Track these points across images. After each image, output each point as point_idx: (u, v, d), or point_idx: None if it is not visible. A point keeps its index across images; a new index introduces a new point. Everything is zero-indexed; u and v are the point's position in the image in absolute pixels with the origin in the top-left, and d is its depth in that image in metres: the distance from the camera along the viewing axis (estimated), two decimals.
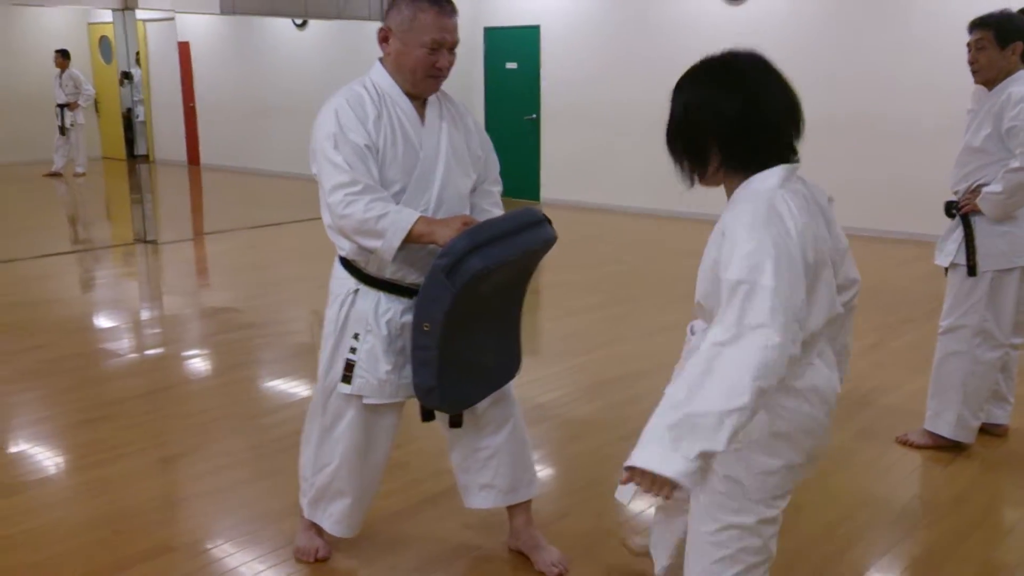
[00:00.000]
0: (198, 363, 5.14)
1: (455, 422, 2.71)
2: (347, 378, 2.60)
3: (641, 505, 3.21)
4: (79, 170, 11.91)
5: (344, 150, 2.41)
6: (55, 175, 11.88)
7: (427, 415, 2.68)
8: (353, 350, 2.58)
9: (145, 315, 6.35)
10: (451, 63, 2.52)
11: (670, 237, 8.78)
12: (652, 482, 1.70)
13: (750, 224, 1.74)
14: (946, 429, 3.67)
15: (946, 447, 3.70)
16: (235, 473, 3.58)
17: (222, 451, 3.80)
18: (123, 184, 9.81)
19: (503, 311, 2.68)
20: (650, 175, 9.87)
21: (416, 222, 2.40)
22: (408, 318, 2.58)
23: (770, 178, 1.82)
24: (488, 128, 11.08)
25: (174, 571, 2.87)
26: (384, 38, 2.52)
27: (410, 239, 2.40)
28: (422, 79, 2.50)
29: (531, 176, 10.83)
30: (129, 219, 9.20)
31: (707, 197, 8.09)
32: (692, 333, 2.17)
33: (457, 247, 2.33)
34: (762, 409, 1.77)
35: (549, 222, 2.59)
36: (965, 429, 3.66)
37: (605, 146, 10.19)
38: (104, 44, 14.04)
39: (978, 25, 3.41)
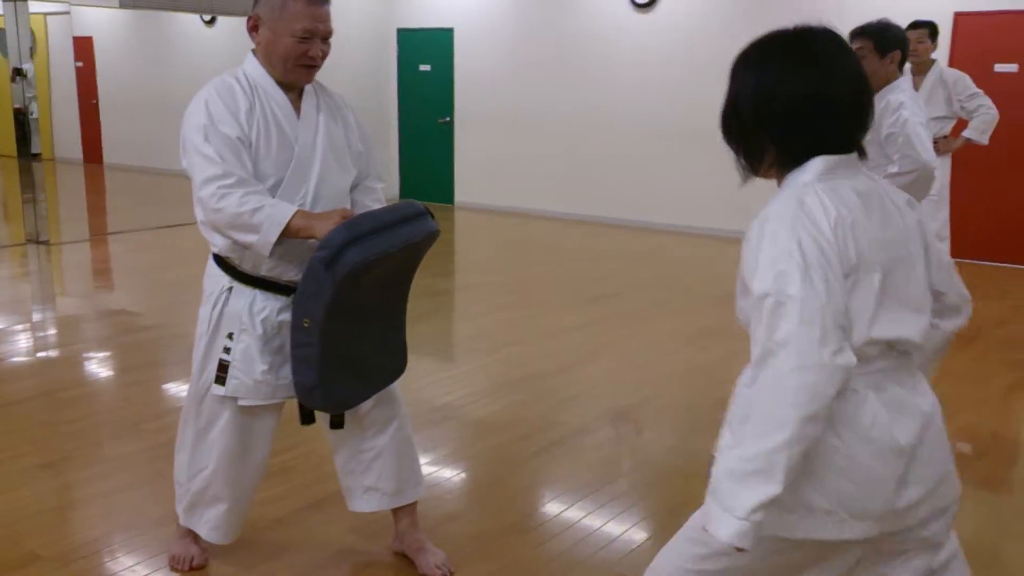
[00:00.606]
0: (89, 367, 4.96)
1: (336, 423, 2.65)
2: (221, 379, 2.52)
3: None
4: None
5: (215, 142, 2.34)
6: None
7: (307, 418, 2.62)
8: (227, 350, 2.51)
9: (35, 317, 6.11)
10: (325, 53, 2.47)
11: (579, 240, 8.84)
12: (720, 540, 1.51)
13: (774, 226, 1.53)
14: None
15: None
16: (114, 479, 3.46)
17: (105, 457, 3.66)
18: (14, 183, 9.44)
19: (387, 308, 2.63)
20: (562, 178, 9.95)
21: (293, 216, 2.33)
22: (285, 317, 2.52)
23: (807, 172, 1.60)
24: (402, 131, 11.01)
25: None
26: (254, 27, 2.45)
27: (287, 234, 2.33)
28: (293, 68, 2.44)
29: (445, 179, 10.79)
30: (21, 219, 8.85)
31: (614, 200, 8.22)
32: None
33: (335, 239, 2.27)
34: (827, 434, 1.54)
35: (431, 215, 2.54)
36: None
37: (518, 149, 10.22)
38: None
39: (858, 35, 3.52)
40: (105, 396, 4.49)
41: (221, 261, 2.55)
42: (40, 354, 5.19)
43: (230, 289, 2.53)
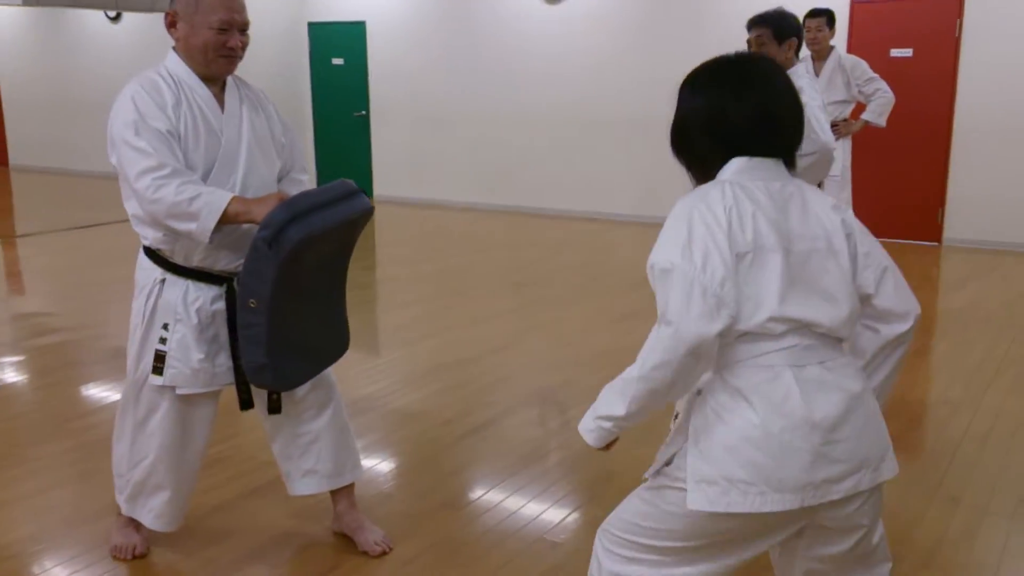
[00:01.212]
0: (8, 369, 4.88)
1: (274, 409, 2.73)
2: (158, 369, 2.57)
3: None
4: None
5: (146, 135, 2.39)
6: None
7: (244, 404, 2.69)
8: (163, 340, 2.57)
9: None
10: (244, 44, 2.54)
11: (498, 230, 8.97)
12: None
13: (676, 211, 1.73)
14: None
15: None
16: (48, 477, 3.46)
17: (33, 456, 3.65)
18: None
19: (327, 287, 2.71)
20: (479, 169, 10.07)
21: (231, 202, 2.39)
22: (219, 306, 2.58)
23: (725, 171, 1.78)
24: (317, 125, 10.97)
25: None
26: (172, 23, 2.51)
27: (226, 219, 2.39)
28: (214, 59, 2.50)
29: (362, 172, 10.79)
30: None
31: (530, 189, 8.32)
32: None
33: (276, 218, 2.34)
34: (712, 412, 1.71)
35: (365, 193, 2.63)
36: None
37: (435, 141, 10.29)
38: None
39: (756, 23, 3.71)
40: (23, 399, 4.45)
41: (152, 254, 2.60)
42: None
43: (163, 281, 2.58)
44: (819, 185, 4.05)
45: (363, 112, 10.72)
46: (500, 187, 9.95)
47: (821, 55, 5.82)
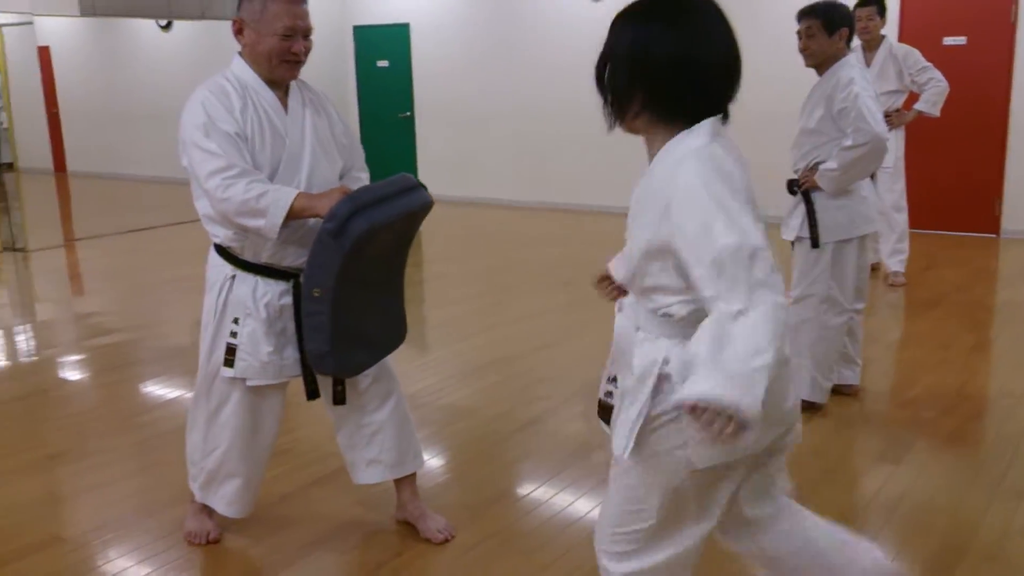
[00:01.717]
0: (73, 367, 5.05)
1: (339, 400, 2.82)
2: (229, 362, 2.68)
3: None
4: None
5: (216, 138, 2.49)
6: None
7: (311, 394, 2.78)
8: (234, 334, 2.67)
9: (16, 322, 6.17)
10: (307, 49, 2.63)
11: (544, 227, 9.03)
12: (727, 418, 1.54)
13: (707, 189, 1.64)
14: (802, 391, 3.93)
15: (803, 408, 3.99)
16: (117, 469, 3.59)
17: (102, 449, 3.79)
18: None
19: (387, 278, 2.80)
20: (523, 168, 10.13)
21: (296, 197, 2.49)
22: (286, 300, 2.68)
23: (699, 134, 1.72)
24: (363, 126, 11.11)
25: (65, 560, 2.89)
26: (239, 30, 2.61)
27: (292, 215, 2.49)
28: (278, 65, 2.59)
29: (407, 172, 10.79)
30: None
31: (579, 188, 8.36)
32: (620, 310, 2.07)
33: (341, 211, 2.44)
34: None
35: (424, 187, 2.72)
36: (819, 390, 3.94)
37: (479, 140, 10.37)
38: None
39: (807, 14, 3.71)
40: (90, 394, 4.61)
41: (223, 251, 2.70)
42: (24, 358, 5.29)
43: (233, 277, 2.68)
44: (871, 177, 4.04)
45: (408, 113, 10.84)
46: (545, 184, 10.00)
47: (872, 45, 5.78)
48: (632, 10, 1.78)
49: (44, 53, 13.86)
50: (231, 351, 2.68)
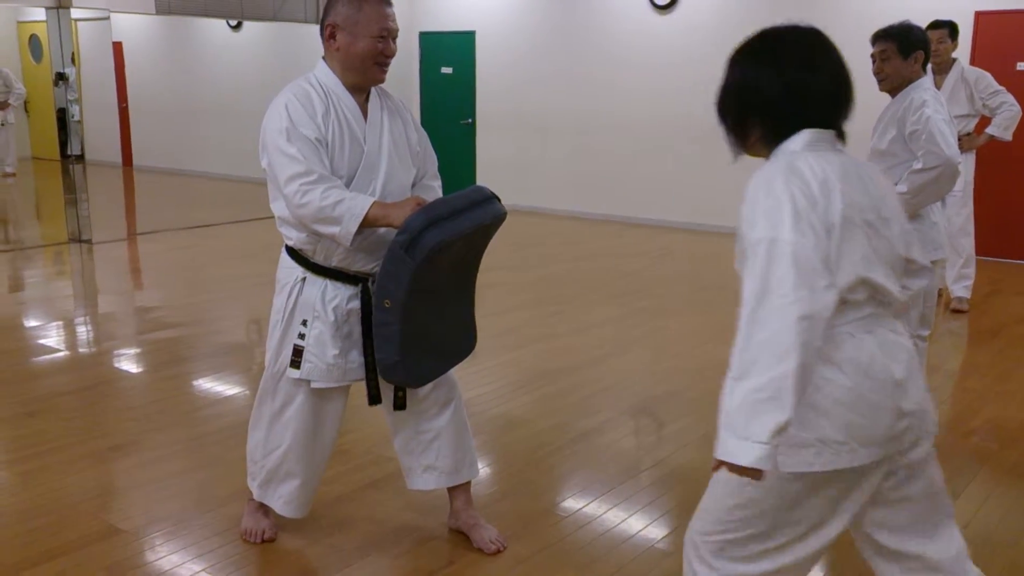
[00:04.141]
0: (132, 360, 5.16)
1: (399, 406, 2.84)
2: (296, 363, 2.71)
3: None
4: (9, 170, 11.69)
5: (297, 143, 2.53)
6: None
7: (373, 399, 2.80)
8: (302, 336, 2.70)
9: (79, 313, 6.32)
10: (394, 52, 2.67)
11: (601, 238, 9.01)
12: (741, 471, 1.66)
13: (768, 181, 1.74)
14: None
15: None
16: (175, 463, 3.65)
17: (160, 443, 3.85)
18: (56, 184, 9.70)
19: (458, 288, 2.82)
20: (582, 178, 10.12)
21: (371, 207, 2.51)
22: (354, 304, 2.71)
23: (795, 142, 1.83)
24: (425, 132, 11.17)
25: (121, 552, 2.95)
26: (331, 34, 2.64)
27: (366, 223, 2.52)
28: (371, 67, 2.63)
29: (467, 179, 10.96)
30: (62, 219, 9.11)
31: (637, 201, 8.34)
32: None
33: (415, 223, 2.46)
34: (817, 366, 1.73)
35: (498, 199, 2.73)
36: None
37: (539, 150, 10.40)
38: (34, 43, 13.79)
39: (881, 37, 3.67)
40: (149, 388, 4.69)
41: (294, 253, 2.74)
42: (85, 349, 5.41)
43: (303, 280, 2.72)
44: (942, 202, 3.97)
45: (469, 120, 10.90)
46: (603, 196, 9.98)
47: (943, 68, 5.69)
48: (743, 49, 1.92)
49: (116, 48, 14.20)
50: (298, 352, 2.71)
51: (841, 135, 1.90)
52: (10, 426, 4.04)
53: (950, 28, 5.61)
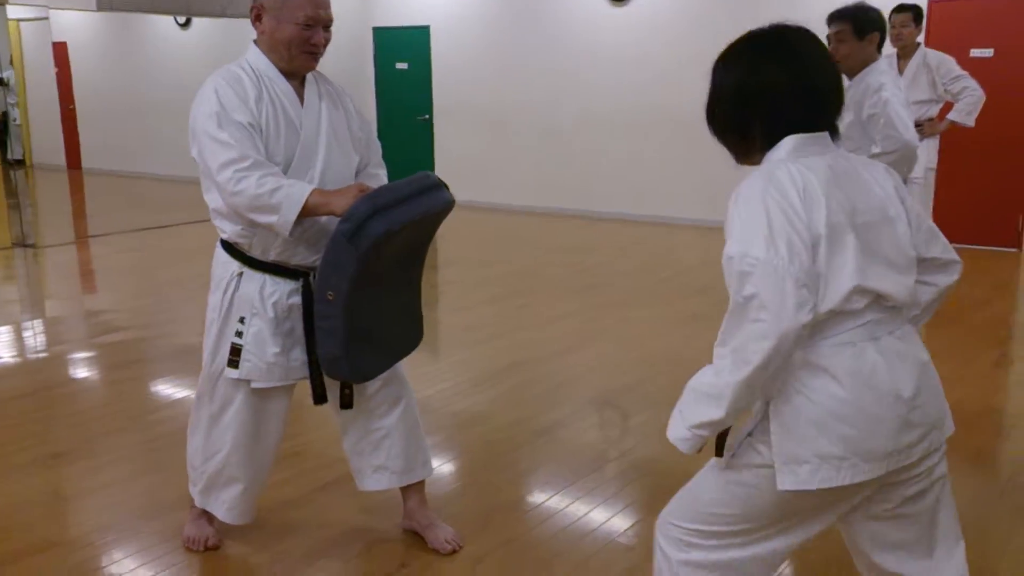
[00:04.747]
0: (81, 364, 4.98)
1: (346, 404, 2.72)
2: (234, 363, 2.58)
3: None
4: None
5: (229, 128, 2.39)
6: None
7: (319, 398, 2.68)
8: (239, 334, 2.57)
9: (25, 318, 6.12)
10: (327, 40, 2.54)
11: (561, 233, 8.93)
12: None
13: (747, 196, 1.68)
14: None
15: None
16: (122, 469, 3.51)
17: (108, 448, 3.71)
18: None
19: (404, 279, 2.70)
20: (542, 173, 10.04)
21: (311, 193, 2.39)
22: (295, 300, 2.58)
23: (780, 150, 1.75)
24: (380, 128, 11.03)
25: (60, 565, 2.81)
26: (257, 16, 2.52)
27: (306, 212, 2.38)
28: (298, 55, 2.50)
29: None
30: (6, 224, 8.86)
31: (594, 193, 8.25)
32: None
33: (359, 211, 2.33)
34: (795, 392, 1.68)
35: (446, 187, 2.60)
36: None
37: (498, 145, 10.29)
38: None
39: (836, 18, 3.61)
40: (98, 392, 4.54)
41: (230, 247, 2.61)
42: (32, 354, 5.23)
43: (240, 275, 2.59)
44: None
45: (427, 116, 10.77)
46: (563, 191, 9.90)
47: (906, 53, 5.63)
48: (730, 53, 1.81)
49: (61, 49, 13.88)
50: (236, 351, 2.57)
51: (835, 134, 1.81)
52: None
53: (914, 12, 5.55)
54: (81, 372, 4.88)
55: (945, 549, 1.86)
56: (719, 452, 1.81)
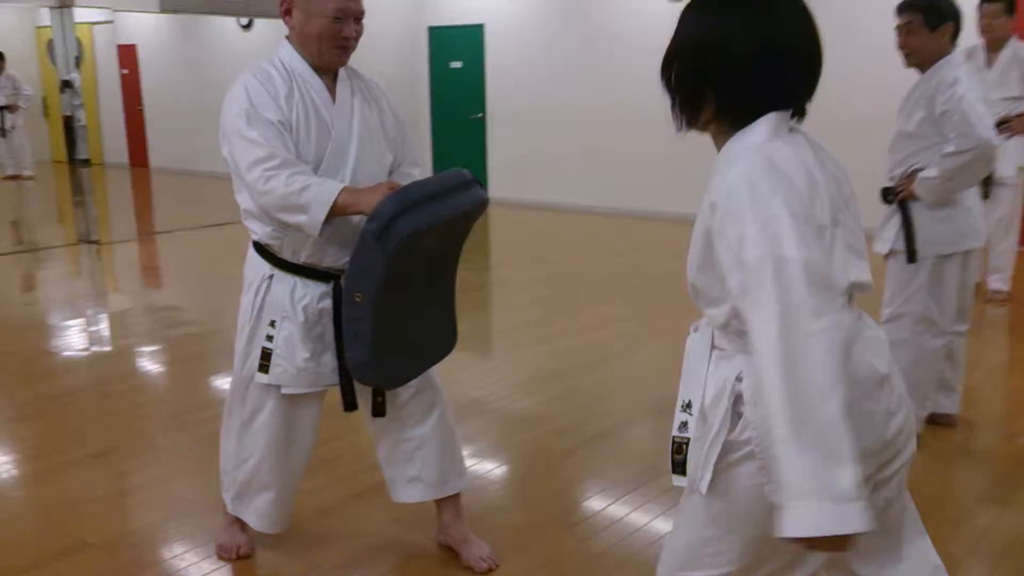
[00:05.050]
0: (139, 360, 5.01)
1: (378, 412, 2.61)
2: (264, 367, 2.49)
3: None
4: (26, 173, 11.61)
5: (258, 126, 2.31)
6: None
7: (349, 405, 2.58)
8: (270, 338, 2.48)
9: (88, 313, 6.18)
10: (358, 33, 2.43)
11: (614, 234, 8.76)
12: (829, 544, 1.33)
13: (750, 186, 1.43)
14: None
15: None
16: (162, 469, 3.48)
17: (151, 447, 3.69)
18: (66, 187, 9.67)
19: (437, 281, 2.58)
20: (595, 173, 9.88)
21: (340, 192, 2.29)
22: (326, 303, 2.49)
23: (759, 130, 1.52)
24: (434, 127, 11.00)
25: (89, 570, 2.75)
26: (287, 11, 2.43)
27: (335, 211, 2.29)
28: (328, 50, 2.41)
29: (478, 174, 10.52)
30: (73, 221, 9.06)
31: (647, 193, 8.05)
32: (695, 331, 1.81)
33: (386, 210, 2.22)
34: None
35: (480, 183, 2.49)
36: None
37: (551, 144, 10.15)
38: (51, 48, 13.81)
39: (906, 8, 3.38)
40: (152, 389, 4.54)
41: (261, 249, 2.53)
42: (92, 348, 5.27)
43: (271, 277, 2.50)
44: (985, 193, 3.65)
45: (480, 114, 10.69)
46: (616, 190, 9.72)
47: (996, 45, 5.29)
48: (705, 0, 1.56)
49: (130, 51, 14.16)
50: (266, 356, 2.49)
51: (801, 113, 1.58)
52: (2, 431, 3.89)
53: (1007, 3, 5.22)
54: (137, 368, 4.89)
55: (919, 546, 1.78)
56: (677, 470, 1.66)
